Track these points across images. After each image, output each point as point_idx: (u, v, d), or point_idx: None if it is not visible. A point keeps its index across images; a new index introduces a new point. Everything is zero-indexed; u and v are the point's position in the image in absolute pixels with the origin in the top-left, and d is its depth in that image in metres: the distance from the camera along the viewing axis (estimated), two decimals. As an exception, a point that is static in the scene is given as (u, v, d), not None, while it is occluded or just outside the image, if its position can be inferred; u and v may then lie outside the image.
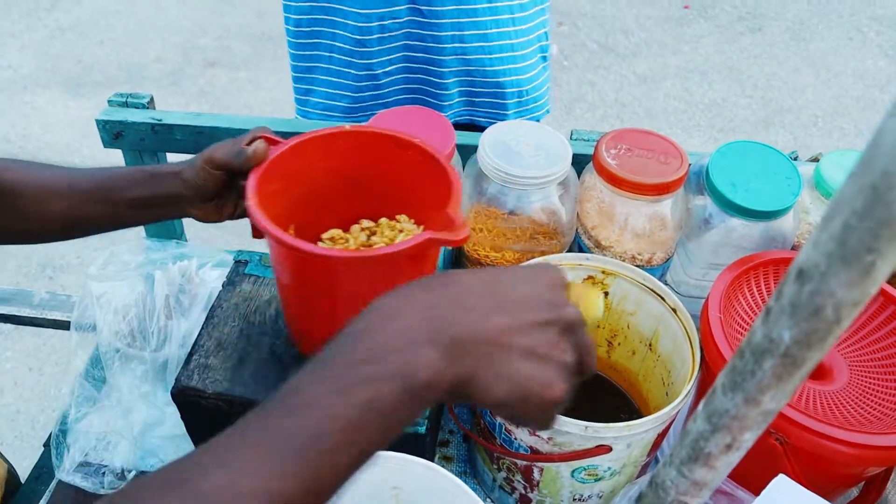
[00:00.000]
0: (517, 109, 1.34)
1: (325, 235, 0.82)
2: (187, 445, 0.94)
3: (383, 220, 0.83)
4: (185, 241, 1.20)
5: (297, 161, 0.75)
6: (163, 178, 0.76)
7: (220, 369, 0.83)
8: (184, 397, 0.82)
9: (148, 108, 1.07)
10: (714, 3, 4.21)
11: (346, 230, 0.84)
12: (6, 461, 1.03)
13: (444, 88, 1.26)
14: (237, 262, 0.95)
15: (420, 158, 0.76)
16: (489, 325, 0.44)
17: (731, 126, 3.38)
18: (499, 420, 0.80)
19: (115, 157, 1.12)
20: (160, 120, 1.04)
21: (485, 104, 1.31)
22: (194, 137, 1.04)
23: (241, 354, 0.84)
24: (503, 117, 1.32)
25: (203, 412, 0.82)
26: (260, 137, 0.75)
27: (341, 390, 0.41)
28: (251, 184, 0.69)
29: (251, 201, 0.67)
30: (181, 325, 1.00)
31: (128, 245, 1.12)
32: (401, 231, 0.81)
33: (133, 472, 0.92)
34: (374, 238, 0.82)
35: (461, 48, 1.22)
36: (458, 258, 0.99)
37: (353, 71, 1.24)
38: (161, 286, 1.03)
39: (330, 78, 1.27)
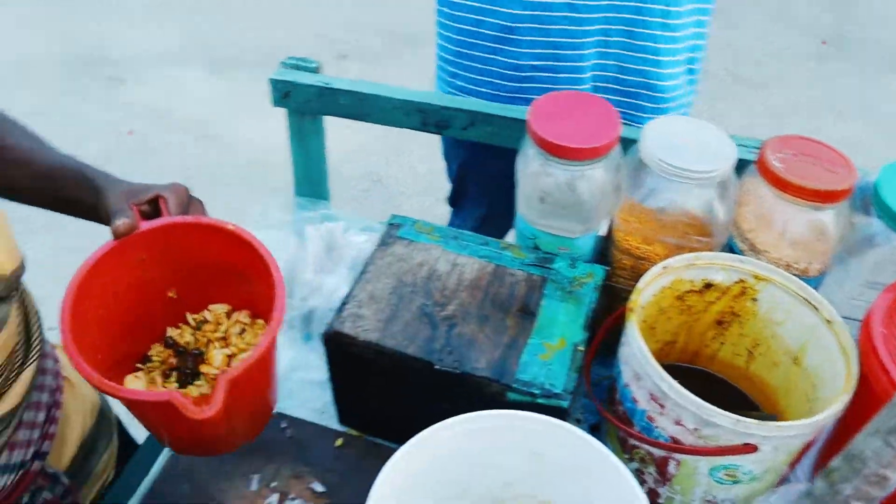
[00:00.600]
0: (651, 115, 1.33)
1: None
2: (325, 391, 0.97)
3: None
4: (328, 200, 1.24)
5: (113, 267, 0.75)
6: (86, 197, 0.80)
7: (372, 320, 0.85)
8: (334, 342, 0.85)
9: (317, 73, 1.11)
10: (853, 41, 4.05)
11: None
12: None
13: (581, 83, 1.27)
14: (391, 225, 0.97)
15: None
16: None
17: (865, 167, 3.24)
18: (640, 407, 0.80)
19: (278, 116, 1.17)
20: (328, 84, 1.09)
21: (620, 103, 1.31)
22: (357, 104, 1.08)
23: (392, 309, 0.86)
24: (638, 120, 1.32)
25: (349, 358, 0.85)
26: (140, 207, 0.76)
27: None
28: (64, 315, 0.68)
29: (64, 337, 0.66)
30: (328, 280, 1.04)
31: (280, 200, 1.17)
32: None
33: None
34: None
35: (604, 42, 1.23)
36: (607, 248, 0.99)
37: (499, 58, 1.26)
38: (313, 241, 1.08)
39: (475, 64, 1.30)
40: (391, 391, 0.88)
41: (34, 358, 0.81)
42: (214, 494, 0.89)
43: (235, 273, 0.79)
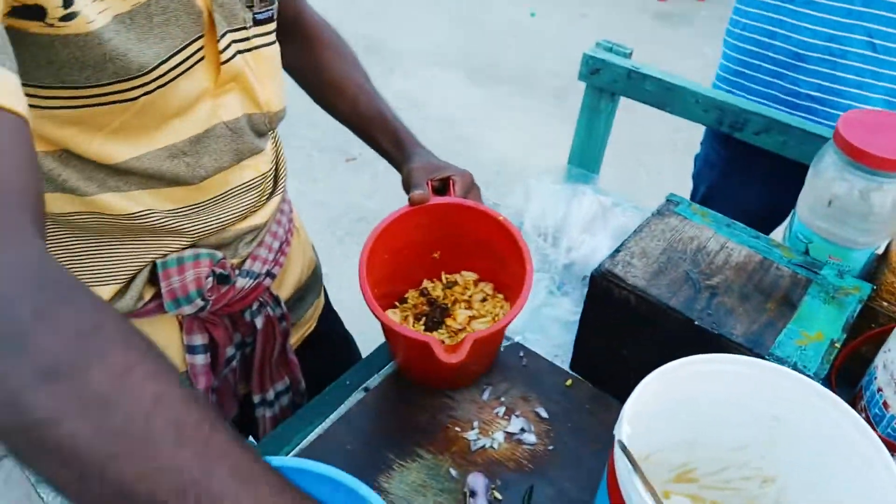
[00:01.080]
0: None
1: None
2: (564, 335, 1.06)
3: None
4: (597, 174, 1.34)
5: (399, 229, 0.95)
6: (401, 154, 1.02)
7: (642, 270, 0.93)
8: (602, 281, 0.93)
9: (629, 57, 1.22)
10: None
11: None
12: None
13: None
14: (669, 201, 1.05)
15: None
16: None
17: None
18: (890, 413, 0.81)
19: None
20: (637, 69, 1.19)
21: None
22: (662, 92, 1.17)
23: (660, 266, 0.94)
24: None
25: (609, 300, 0.93)
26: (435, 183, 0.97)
27: None
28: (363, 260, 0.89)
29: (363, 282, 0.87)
30: (590, 241, 1.13)
31: (555, 169, 1.28)
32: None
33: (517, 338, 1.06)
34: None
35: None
36: (879, 268, 1.00)
37: (781, 83, 1.31)
38: (582, 205, 1.17)
39: (754, 86, 1.34)
40: (635, 341, 0.94)
41: (279, 191, 0.97)
42: (449, 392, 0.99)
43: (493, 253, 0.97)
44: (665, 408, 0.72)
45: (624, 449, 0.61)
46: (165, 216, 0.82)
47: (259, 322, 1.00)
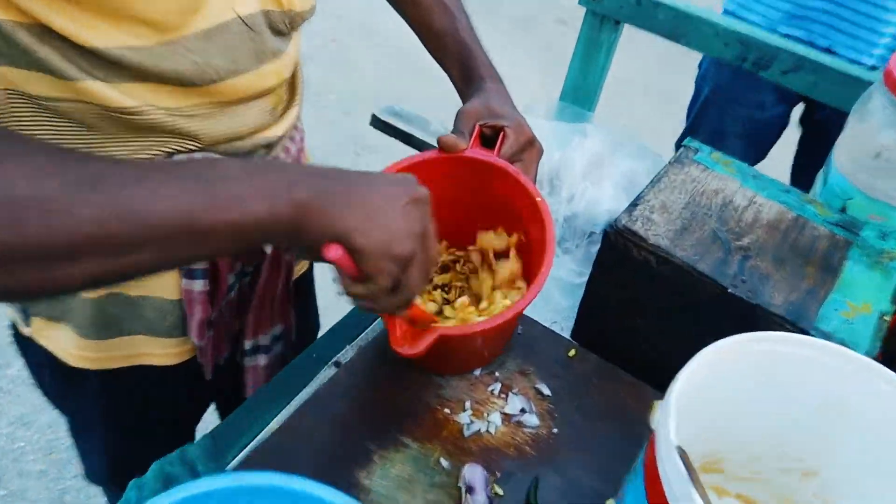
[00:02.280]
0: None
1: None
2: (566, 299, 0.98)
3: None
4: (592, 114, 1.24)
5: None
6: (466, 87, 0.93)
7: (664, 227, 0.84)
8: (617, 239, 0.84)
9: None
10: None
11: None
12: None
13: None
14: (686, 148, 0.96)
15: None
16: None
17: None
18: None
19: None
20: (648, -7, 1.08)
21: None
22: (676, 22, 1.06)
23: (685, 223, 0.85)
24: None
25: (627, 261, 0.84)
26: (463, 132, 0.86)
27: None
28: None
29: None
30: (592, 191, 1.03)
31: (545, 104, 1.18)
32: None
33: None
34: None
35: None
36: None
37: None
38: (582, 150, 1.07)
39: None
40: (655, 310, 0.87)
41: (297, 102, 0.91)
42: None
43: (518, 220, 0.87)
44: (699, 392, 0.64)
45: (682, 456, 0.52)
46: (170, 115, 0.74)
47: (267, 248, 0.92)
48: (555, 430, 0.85)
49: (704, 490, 0.53)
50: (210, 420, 1.08)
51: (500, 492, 0.78)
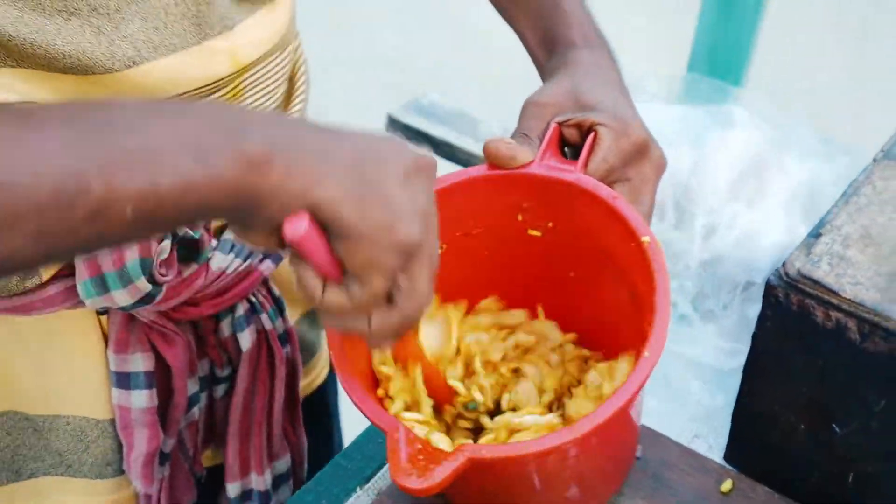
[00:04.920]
0: None
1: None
2: (720, 391, 0.95)
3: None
4: (740, 86, 1.18)
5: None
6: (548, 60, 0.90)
7: (868, 269, 0.78)
8: (788, 295, 0.77)
9: None
10: None
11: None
12: None
13: None
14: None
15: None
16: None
17: None
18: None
19: None
20: None
21: None
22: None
23: (904, 261, 0.78)
24: None
25: (804, 330, 0.78)
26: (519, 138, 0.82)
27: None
28: None
29: None
30: (746, 216, 1.00)
31: (664, 77, 1.16)
32: None
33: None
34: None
35: None
36: None
37: None
38: (727, 149, 1.04)
39: None
40: (861, 411, 0.80)
41: (294, 111, 0.94)
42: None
43: (619, 271, 0.82)
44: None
45: None
46: None
47: (246, 341, 0.94)
48: None
49: None
50: None
51: None
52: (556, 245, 0.84)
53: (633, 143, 0.80)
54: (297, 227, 0.56)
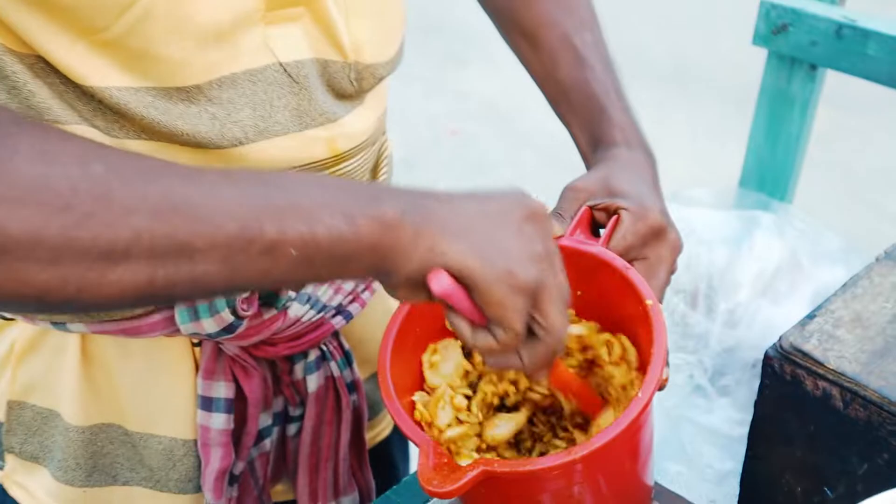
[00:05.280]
0: None
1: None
2: (733, 459, 0.96)
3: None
4: (789, 203, 1.24)
5: None
6: (592, 155, 0.97)
7: (854, 347, 0.82)
8: (782, 364, 0.83)
9: (839, 4, 1.11)
10: None
11: None
12: None
13: None
14: (907, 242, 0.94)
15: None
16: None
17: None
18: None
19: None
20: (853, 22, 1.07)
21: None
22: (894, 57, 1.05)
23: (887, 343, 0.83)
24: None
25: (797, 398, 0.82)
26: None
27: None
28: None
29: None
30: (770, 312, 1.03)
31: (716, 189, 1.18)
32: None
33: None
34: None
35: None
36: None
37: None
38: (755, 255, 1.08)
39: None
40: (847, 472, 0.83)
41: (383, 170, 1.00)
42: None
43: (631, 334, 0.87)
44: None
45: None
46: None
47: (313, 382, 0.99)
48: None
49: None
50: None
51: None
52: (584, 308, 0.88)
53: (650, 226, 0.86)
54: (440, 283, 0.63)
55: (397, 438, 1.19)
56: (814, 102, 1.19)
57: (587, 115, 0.99)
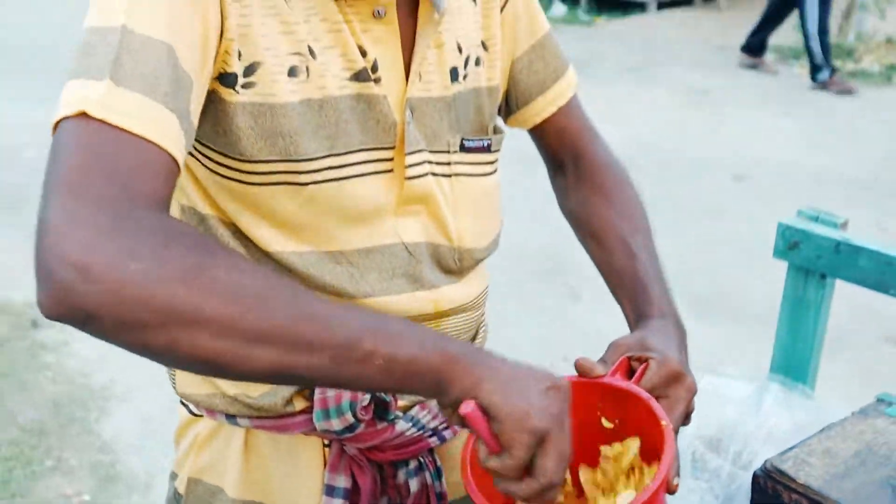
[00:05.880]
0: None
1: None
2: None
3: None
4: (812, 391, 1.45)
5: None
6: (635, 324, 1.15)
7: (820, 470, 1.03)
8: (765, 481, 1.04)
9: (841, 228, 1.37)
10: None
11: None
12: None
13: None
14: (879, 401, 1.16)
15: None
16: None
17: None
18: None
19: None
20: (847, 240, 1.33)
21: None
22: (882, 269, 1.29)
23: (848, 469, 1.03)
24: None
25: None
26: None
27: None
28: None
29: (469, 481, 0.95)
30: (769, 453, 1.21)
31: (749, 373, 1.42)
32: None
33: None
34: None
35: None
36: None
37: None
38: (763, 412, 1.29)
39: None
40: None
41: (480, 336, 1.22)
42: None
43: (652, 451, 1.04)
44: None
45: None
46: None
47: (414, 485, 1.18)
48: None
49: None
50: None
51: None
52: (621, 433, 1.05)
53: (670, 372, 1.03)
54: (467, 407, 0.82)
55: None
56: (825, 303, 1.43)
57: (633, 294, 1.18)
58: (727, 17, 8.71)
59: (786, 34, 7.91)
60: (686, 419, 1.08)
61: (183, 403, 1.21)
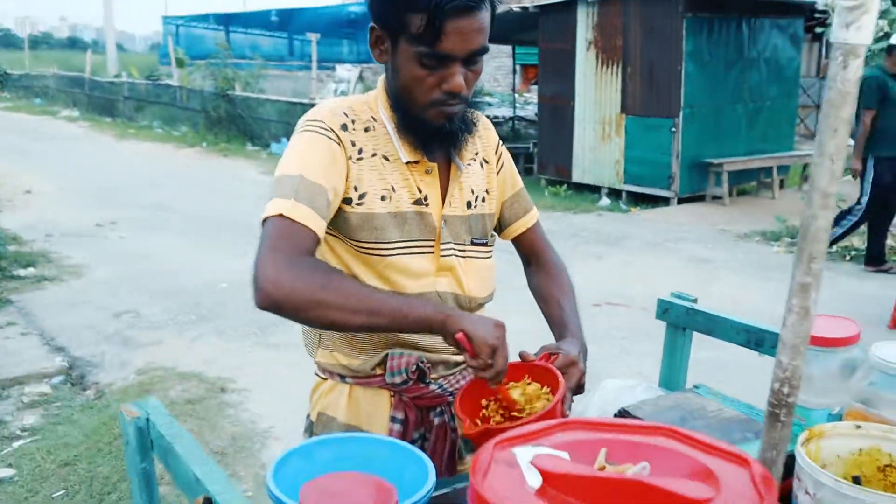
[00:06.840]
0: None
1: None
2: None
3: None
4: None
5: None
6: (558, 338, 1.56)
7: (650, 410, 1.52)
8: (625, 416, 1.53)
9: (692, 302, 1.88)
10: None
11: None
12: None
13: None
14: (695, 387, 1.63)
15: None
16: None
17: None
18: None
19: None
20: (692, 307, 1.83)
21: None
22: (708, 323, 1.78)
23: (664, 410, 1.52)
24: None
25: None
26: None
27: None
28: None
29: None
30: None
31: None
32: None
33: None
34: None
35: None
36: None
37: None
38: (635, 394, 1.76)
39: None
40: None
41: None
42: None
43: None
44: None
45: None
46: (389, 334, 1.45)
47: (437, 420, 1.51)
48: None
49: None
50: None
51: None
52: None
53: (569, 360, 1.40)
54: (460, 335, 1.21)
55: None
56: (687, 346, 1.90)
57: (560, 327, 1.55)
58: (730, 209, 9.12)
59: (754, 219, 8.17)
60: (579, 389, 1.43)
61: (315, 374, 1.55)
